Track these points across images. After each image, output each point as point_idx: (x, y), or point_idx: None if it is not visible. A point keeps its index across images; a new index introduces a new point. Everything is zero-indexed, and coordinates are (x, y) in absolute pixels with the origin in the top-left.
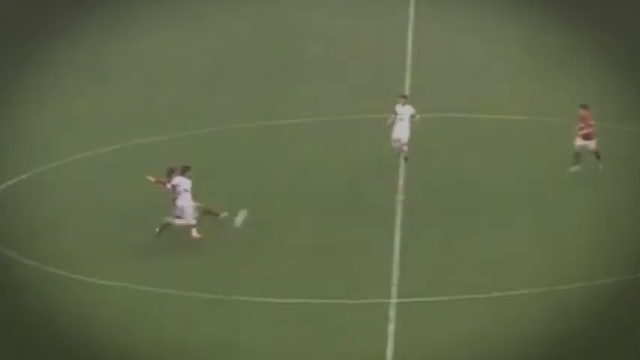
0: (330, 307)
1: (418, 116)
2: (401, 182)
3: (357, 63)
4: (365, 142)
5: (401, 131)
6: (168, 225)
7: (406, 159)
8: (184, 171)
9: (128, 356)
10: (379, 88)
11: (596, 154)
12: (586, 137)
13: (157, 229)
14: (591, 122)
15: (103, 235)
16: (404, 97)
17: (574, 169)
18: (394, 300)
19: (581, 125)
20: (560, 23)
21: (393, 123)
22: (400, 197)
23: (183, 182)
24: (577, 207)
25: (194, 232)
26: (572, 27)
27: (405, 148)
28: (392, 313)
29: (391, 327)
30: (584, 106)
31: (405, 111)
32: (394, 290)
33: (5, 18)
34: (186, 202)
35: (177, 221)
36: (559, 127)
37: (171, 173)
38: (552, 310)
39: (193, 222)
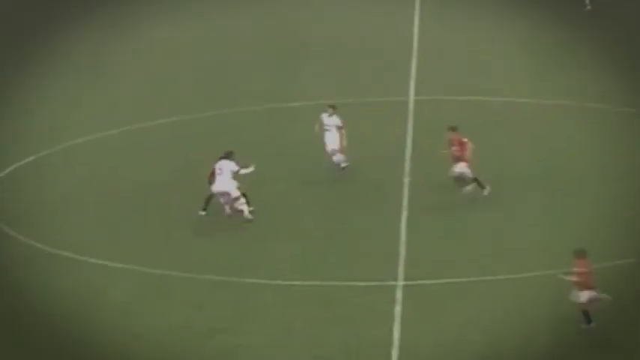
0: (336, 289)
1: (344, 131)
2: (407, 165)
3: (364, 50)
4: (370, 126)
5: (333, 142)
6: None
7: (343, 168)
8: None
9: (133, 339)
10: (386, 73)
11: (475, 181)
12: (460, 160)
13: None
14: (463, 142)
15: (109, 217)
16: (332, 106)
17: (467, 189)
18: (401, 282)
19: (455, 149)
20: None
21: (322, 134)
22: (406, 179)
23: (224, 166)
24: (583, 191)
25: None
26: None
27: (339, 157)
28: (398, 296)
29: (398, 309)
30: (452, 129)
31: (331, 122)
32: (401, 273)
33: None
34: (220, 185)
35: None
36: (565, 110)
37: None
38: (560, 293)
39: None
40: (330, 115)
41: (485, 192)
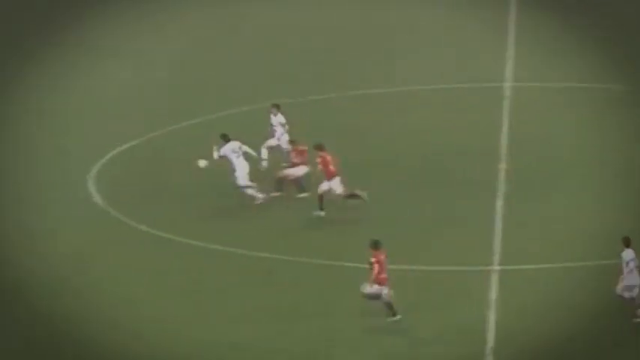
0: (431, 274)
1: (287, 126)
2: (503, 152)
3: (456, 36)
4: (466, 112)
5: (278, 139)
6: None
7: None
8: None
9: (230, 322)
10: (480, 57)
11: (352, 196)
12: (330, 177)
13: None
14: (328, 159)
15: (203, 201)
16: (275, 105)
17: (317, 213)
18: (496, 268)
19: (326, 169)
20: None
21: (272, 134)
22: (503, 166)
23: (236, 146)
24: None
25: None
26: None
27: (264, 153)
28: (494, 280)
29: (493, 294)
30: (318, 147)
31: (276, 121)
32: (496, 258)
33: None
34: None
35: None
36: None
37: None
38: None
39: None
40: (275, 114)
41: (365, 195)
